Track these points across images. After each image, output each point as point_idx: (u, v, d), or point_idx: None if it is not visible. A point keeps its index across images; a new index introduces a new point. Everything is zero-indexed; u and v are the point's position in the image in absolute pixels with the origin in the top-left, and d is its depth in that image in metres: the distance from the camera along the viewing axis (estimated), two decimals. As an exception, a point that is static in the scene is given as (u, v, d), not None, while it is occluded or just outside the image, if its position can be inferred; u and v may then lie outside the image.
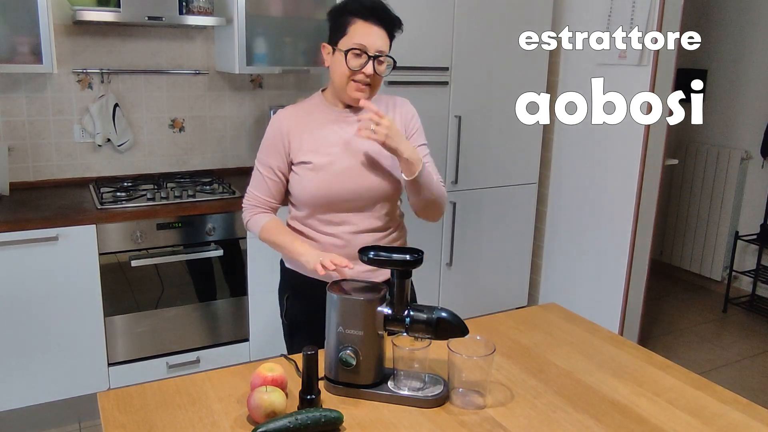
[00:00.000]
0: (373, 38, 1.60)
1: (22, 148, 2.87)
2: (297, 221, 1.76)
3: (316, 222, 1.71)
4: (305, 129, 1.70)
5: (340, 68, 1.64)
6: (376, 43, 1.61)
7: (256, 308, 2.88)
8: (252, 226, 1.75)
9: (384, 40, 1.63)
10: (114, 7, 2.64)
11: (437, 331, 1.34)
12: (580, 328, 1.74)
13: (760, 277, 4.07)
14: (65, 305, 2.52)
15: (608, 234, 3.25)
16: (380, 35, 1.62)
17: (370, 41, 1.60)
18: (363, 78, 1.62)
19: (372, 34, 1.60)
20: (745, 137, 4.19)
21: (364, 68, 1.61)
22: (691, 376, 1.50)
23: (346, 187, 1.67)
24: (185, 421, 1.26)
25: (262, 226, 1.72)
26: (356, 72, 1.62)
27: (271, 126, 1.72)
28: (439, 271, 3.34)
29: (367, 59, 1.61)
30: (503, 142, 3.34)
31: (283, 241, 1.68)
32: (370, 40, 1.60)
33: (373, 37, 1.60)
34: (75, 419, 2.69)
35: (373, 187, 1.69)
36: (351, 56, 1.61)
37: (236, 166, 3.30)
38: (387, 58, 1.64)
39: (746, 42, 4.14)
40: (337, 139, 1.69)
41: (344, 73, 1.63)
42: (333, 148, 1.68)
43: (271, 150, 1.71)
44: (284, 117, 1.72)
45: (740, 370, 3.39)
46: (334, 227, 1.70)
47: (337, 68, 1.65)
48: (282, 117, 1.72)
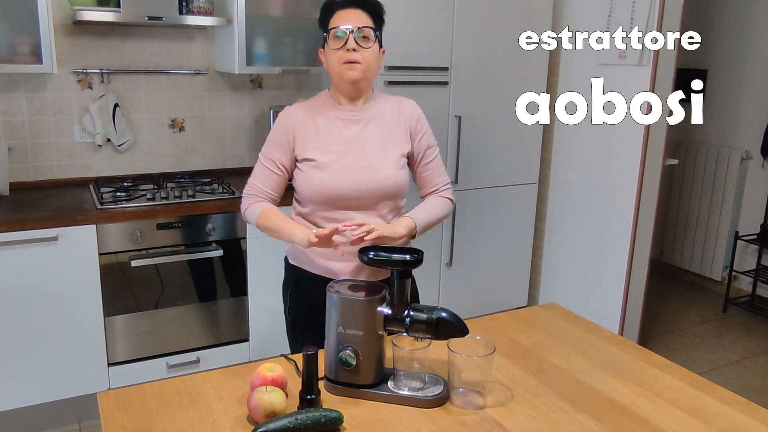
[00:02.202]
0: (351, 18, 1.65)
1: (22, 148, 2.87)
2: (301, 218, 1.77)
3: (319, 219, 1.72)
4: (311, 126, 1.72)
5: (330, 57, 1.68)
6: (354, 20, 1.65)
7: (256, 308, 2.88)
8: (249, 214, 1.76)
9: (364, 19, 1.67)
10: (114, 7, 2.64)
11: (437, 331, 1.34)
12: (580, 328, 1.74)
13: (760, 277, 4.07)
14: (65, 305, 2.52)
15: (608, 234, 3.25)
16: (358, 15, 1.66)
17: (347, 21, 1.65)
18: (348, 56, 1.65)
19: (350, 15, 1.66)
20: (745, 137, 4.19)
21: (347, 44, 1.64)
22: (691, 376, 1.50)
23: (349, 184, 1.68)
24: (185, 421, 1.26)
25: (259, 213, 1.72)
26: (341, 50, 1.65)
27: (278, 121, 1.75)
28: (439, 271, 3.34)
29: (347, 35, 1.64)
30: (503, 142, 3.34)
31: (278, 225, 1.69)
32: (348, 20, 1.65)
33: (351, 17, 1.66)
34: (75, 419, 2.69)
35: (377, 186, 1.70)
36: (332, 38, 1.66)
37: (236, 166, 3.30)
38: (368, 30, 1.66)
39: (746, 42, 4.13)
40: (342, 137, 1.72)
41: (334, 59, 1.67)
42: (338, 146, 1.71)
43: (277, 145, 1.73)
44: (292, 113, 1.75)
45: (740, 370, 3.39)
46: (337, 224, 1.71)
47: (329, 59, 1.69)
48: (290, 113, 1.75)
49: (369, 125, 1.74)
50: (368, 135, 1.74)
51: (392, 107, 1.78)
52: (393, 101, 1.80)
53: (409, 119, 1.79)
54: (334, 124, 1.73)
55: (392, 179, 1.72)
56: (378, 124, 1.75)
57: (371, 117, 1.75)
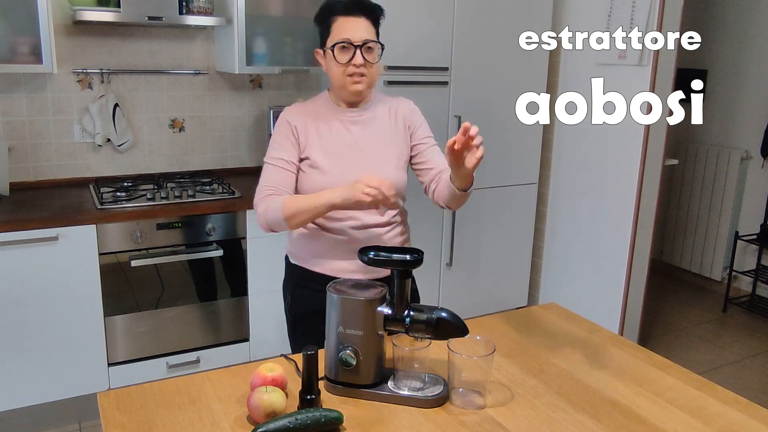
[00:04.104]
0: (356, 29, 1.64)
1: (22, 148, 2.87)
2: None
3: (320, 219, 1.72)
4: (312, 128, 1.72)
5: (333, 67, 1.67)
6: (359, 33, 1.64)
7: (256, 308, 2.88)
8: (270, 213, 1.63)
9: (367, 28, 1.66)
10: (114, 7, 2.64)
11: (437, 331, 1.34)
12: (580, 328, 1.74)
13: (760, 277, 4.07)
14: (65, 305, 2.52)
15: (608, 234, 3.25)
16: (363, 25, 1.65)
17: (353, 33, 1.64)
18: (355, 69, 1.65)
19: (354, 25, 1.64)
20: (745, 137, 4.19)
21: (354, 59, 1.64)
22: (691, 376, 1.50)
23: None
24: (185, 421, 1.26)
25: (281, 202, 1.63)
26: (348, 65, 1.64)
27: (279, 123, 1.74)
28: (439, 271, 3.34)
29: (354, 50, 1.63)
30: (503, 142, 3.34)
31: (308, 201, 1.60)
32: (354, 32, 1.64)
33: (355, 28, 1.64)
34: (75, 419, 2.69)
35: None
36: (338, 51, 1.64)
37: (236, 167, 3.30)
38: (374, 44, 1.66)
39: (746, 42, 4.13)
40: (343, 138, 1.72)
41: (338, 70, 1.66)
42: (338, 146, 1.71)
43: (283, 144, 1.71)
44: (292, 112, 1.75)
45: (740, 370, 3.39)
46: (339, 222, 1.71)
47: (331, 68, 1.68)
48: (290, 113, 1.75)
49: (368, 127, 1.75)
50: (368, 136, 1.74)
51: (390, 108, 1.80)
52: (391, 102, 1.81)
53: (404, 117, 1.80)
54: (334, 126, 1.73)
55: (394, 178, 1.72)
56: (377, 126, 1.76)
57: (371, 119, 1.76)
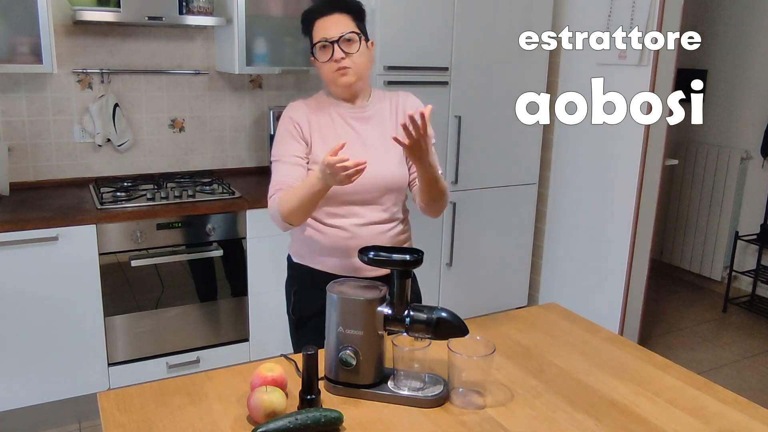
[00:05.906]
0: (332, 27, 1.67)
1: (22, 148, 2.87)
2: None
3: (322, 214, 1.73)
4: (314, 123, 1.73)
5: (321, 68, 1.71)
6: (336, 29, 1.67)
7: (257, 308, 2.88)
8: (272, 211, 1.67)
9: (345, 23, 1.68)
10: (114, 7, 2.64)
11: (437, 331, 1.34)
12: (580, 328, 1.74)
13: (760, 277, 4.07)
14: (65, 305, 2.52)
15: (608, 234, 3.25)
16: (338, 20, 1.68)
17: (329, 31, 1.67)
18: (337, 64, 1.67)
19: (330, 23, 1.68)
20: (745, 137, 4.18)
21: (333, 55, 1.66)
22: (691, 376, 1.50)
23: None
24: (185, 421, 1.26)
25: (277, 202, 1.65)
26: (330, 62, 1.67)
27: (283, 119, 1.75)
28: (439, 271, 3.34)
29: (332, 47, 1.66)
30: (503, 142, 3.34)
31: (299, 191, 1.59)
32: (330, 29, 1.67)
33: (331, 25, 1.67)
34: (75, 419, 2.69)
35: (379, 180, 1.71)
36: (319, 52, 1.69)
37: (236, 167, 3.30)
38: (351, 34, 1.67)
39: (746, 42, 4.13)
40: (344, 133, 1.73)
41: (325, 69, 1.70)
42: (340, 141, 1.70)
43: (290, 139, 1.72)
44: (295, 108, 1.76)
45: (740, 370, 3.39)
46: (340, 219, 1.72)
47: (320, 69, 1.72)
48: (293, 108, 1.76)
49: (369, 122, 1.76)
50: (369, 132, 1.75)
51: (390, 104, 1.81)
52: (391, 97, 1.83)
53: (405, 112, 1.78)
54: (336, 122, 1.74)
55: (395, 175, 1.74)
56: (378, 121, 1.77)
57: (371, 115, 1.77)
